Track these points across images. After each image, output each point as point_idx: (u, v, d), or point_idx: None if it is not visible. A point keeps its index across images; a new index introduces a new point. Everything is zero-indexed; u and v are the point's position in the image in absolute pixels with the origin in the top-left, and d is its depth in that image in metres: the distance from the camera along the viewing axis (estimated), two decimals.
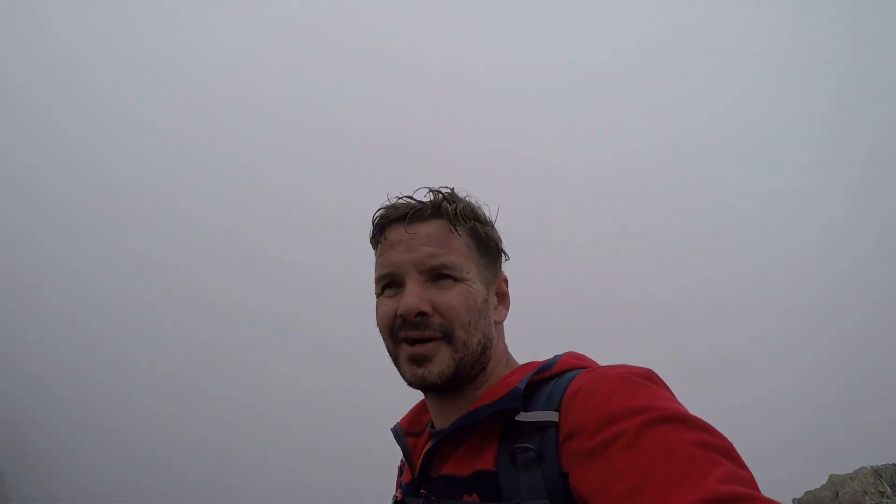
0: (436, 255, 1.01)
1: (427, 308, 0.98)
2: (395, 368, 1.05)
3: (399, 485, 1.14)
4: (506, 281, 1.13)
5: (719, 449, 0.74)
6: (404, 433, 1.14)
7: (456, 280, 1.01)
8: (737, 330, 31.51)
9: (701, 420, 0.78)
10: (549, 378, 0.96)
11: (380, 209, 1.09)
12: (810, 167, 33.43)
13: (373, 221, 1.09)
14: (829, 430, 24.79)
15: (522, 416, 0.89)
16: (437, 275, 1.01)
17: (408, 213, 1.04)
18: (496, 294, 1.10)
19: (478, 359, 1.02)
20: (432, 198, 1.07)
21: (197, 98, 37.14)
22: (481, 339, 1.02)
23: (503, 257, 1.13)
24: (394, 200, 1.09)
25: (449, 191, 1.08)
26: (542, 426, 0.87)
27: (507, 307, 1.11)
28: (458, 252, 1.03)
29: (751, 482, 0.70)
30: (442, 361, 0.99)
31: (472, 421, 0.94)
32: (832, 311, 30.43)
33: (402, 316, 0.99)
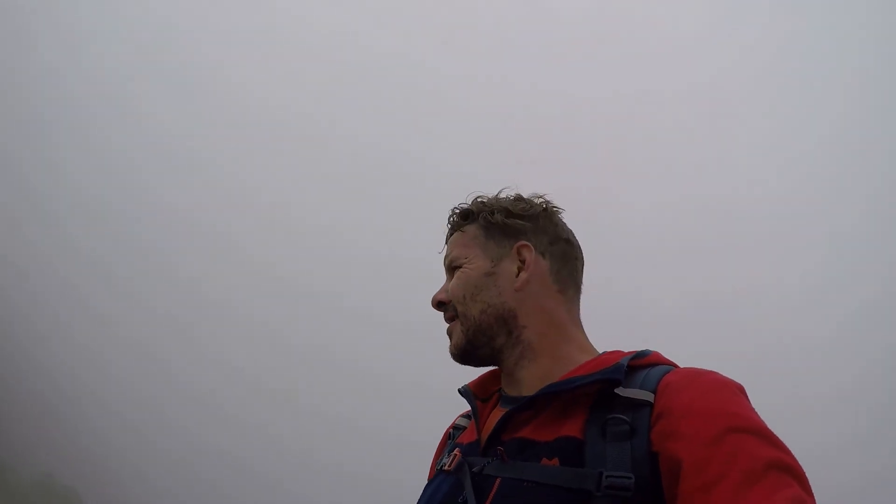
0: (447, 256, 1.20)
1: (443, 297, 1.16)
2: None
3: (449, 448, 1.14)
4: (523, 247, 1.15)
5: (793, 472, 0.78)
6: (473, 395, 1.18)
7: (458, 268, 1.16)
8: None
9: (781, 441, 0.82)
10: (643, 366, 0.99)
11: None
12: None
13: None
14: None
15: (621, 390, 0.92)
16: (452, 269, 1.18)
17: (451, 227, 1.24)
18: (519, 262, 1.14)
19: (490, 327, 1.10)
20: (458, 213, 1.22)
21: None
22: (484, 307, 1.10)
23: (524, 226, 1.16)
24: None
25: (475, 199, 1.22)
26: (638, 404, 0.89)
27: (528, 272, 1.13)
28: (462, 246, 1.17)
29: None
30: (456, 335, 1.13)
31: (569, 386, 0.95)
32: None
33: None
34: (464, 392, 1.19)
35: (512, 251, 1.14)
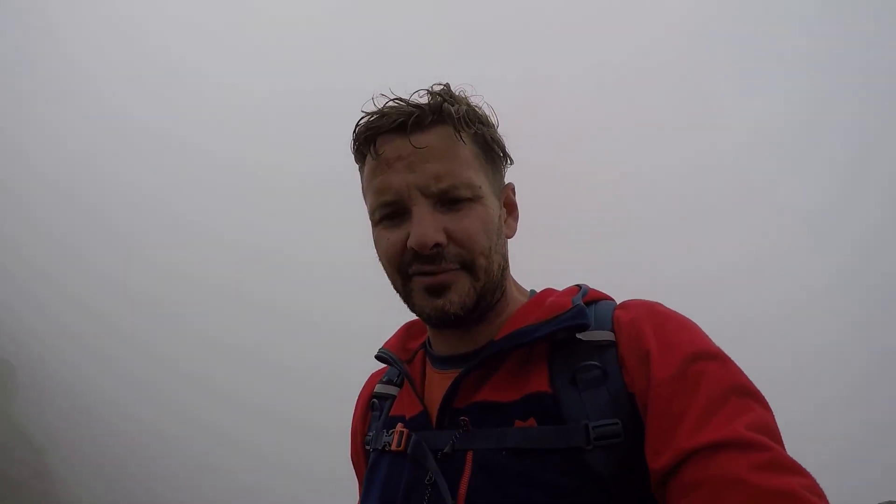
0: (444, 176, 0.86)
1: (442, 238, 0.85)
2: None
3: (383, 423, 1.01)
4: (513, 189, 1.00)
5: (752, 395, 0.78)
6: (400, 360, 1.02)
7: (470, 200, 0.87)
8: None
9: (737, 365, 0.81)
10: (586, 304, 0.91)
11: (363, 116, 0.91)
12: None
13: (355, 131, 0.91)
14: None
15: (585, 335, 0.86)
16: (449, 197, 0.87)
17: (405, 120, 0.86)
18: (505, 205, 0.97)
19: (498, 283, 0.93)
20: (429, 100, 0.89)
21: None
22: (501, 262, 0.92)
23: (508, 161, 0.98)
24: (378, 104, 0.91)
25: (444, 87, 0.91)
26: (602, 345, 0.85)
27: (516, 219, 1.00)
28: (467, 165, 0.88)
29: (775, 432, 0.75)
30: (462, 290, 0.87)
31: (532, 338, 0.86)
32: None
33: (413, 249, 0.86)
34: (386, 358, 1.04)
35: (504, 190, 0.98)
